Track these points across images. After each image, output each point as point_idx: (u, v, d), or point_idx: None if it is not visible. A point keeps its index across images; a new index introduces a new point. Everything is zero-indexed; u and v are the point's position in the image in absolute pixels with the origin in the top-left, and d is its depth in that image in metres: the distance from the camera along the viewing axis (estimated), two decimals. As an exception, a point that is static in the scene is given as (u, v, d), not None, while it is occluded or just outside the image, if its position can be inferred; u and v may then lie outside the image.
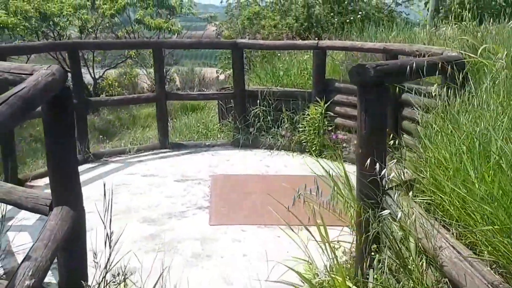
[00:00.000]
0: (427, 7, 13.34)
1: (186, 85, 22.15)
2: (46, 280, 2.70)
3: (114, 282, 2.71)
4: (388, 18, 22.94)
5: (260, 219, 4.28)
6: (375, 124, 2.89)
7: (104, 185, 2.53)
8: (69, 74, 6.10)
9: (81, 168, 5.85)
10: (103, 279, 2.61)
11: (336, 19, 22.36)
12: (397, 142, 3.19)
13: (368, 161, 2.79)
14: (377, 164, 2.71)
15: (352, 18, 21.43)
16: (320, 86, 6.53)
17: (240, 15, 22.16)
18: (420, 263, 2.36)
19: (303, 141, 6.50)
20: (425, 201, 2.61)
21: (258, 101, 6.77)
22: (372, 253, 2.75)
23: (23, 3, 11.58)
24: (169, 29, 14.72)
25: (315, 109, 6.39)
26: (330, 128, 6.44)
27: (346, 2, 23.15)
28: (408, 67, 3.13)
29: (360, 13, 21.24)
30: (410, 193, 2.59)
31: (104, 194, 2.49)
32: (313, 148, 6.39)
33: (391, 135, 3.20)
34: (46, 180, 5.41)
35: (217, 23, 23.73)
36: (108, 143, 8.21)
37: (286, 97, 6.80)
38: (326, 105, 6.37)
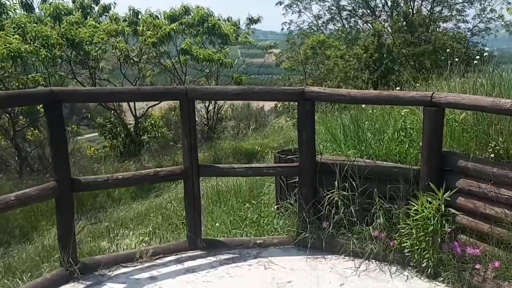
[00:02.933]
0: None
1: (241, 122, 20.07)
2: None
3: None
4: (465, 49, 20.37)
5: None
6: None
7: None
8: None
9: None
10: None
11: (409, 50, 19.93)
12: None
13: None
14: None
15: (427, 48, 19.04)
16: (433, 163, 4.21)
17: (302, 43, 20.11)
18: None
19: (406, 250, 4.17)
20: None
21: (336, 181, 4.52)
22: None
23: (44, 28, 9.81)
24: (221, 61, 12.73)
25: (428, 201, 4.05)
26: (449, 230, 4.07)
27: (420, 31, 20.72)
28: None
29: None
30: None
31: None
32: (424, 264, 4.04)
33: None
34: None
35: (277, 51, 21.73)
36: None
37: (379, 175, 4.51)
38: (445, 196, 4.03)
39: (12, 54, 8.29)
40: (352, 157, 4.74)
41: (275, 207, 5.27)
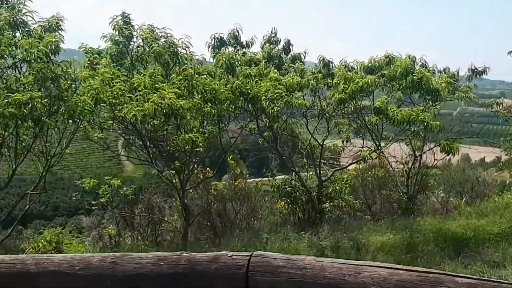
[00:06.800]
0: None
1: (453, 189, 16.50)
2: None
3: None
4: None
5: None
6: None
7: None
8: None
9: None
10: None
11: None
12: None
13: None
14: None
15: None
16: None
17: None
18: None
19: None
20: None
21: None
22: None
23: (214, 81, 8.68)
24: (426, 122, 10.20)
25: None
26: None
27: None
28: None
29: None
30: None
31: None
32: None
33: None
34: None
35: (504, 101, 18.24)
36: None
37: None
38: None
39: (165, 111, 7.29)
40: None
41: None
